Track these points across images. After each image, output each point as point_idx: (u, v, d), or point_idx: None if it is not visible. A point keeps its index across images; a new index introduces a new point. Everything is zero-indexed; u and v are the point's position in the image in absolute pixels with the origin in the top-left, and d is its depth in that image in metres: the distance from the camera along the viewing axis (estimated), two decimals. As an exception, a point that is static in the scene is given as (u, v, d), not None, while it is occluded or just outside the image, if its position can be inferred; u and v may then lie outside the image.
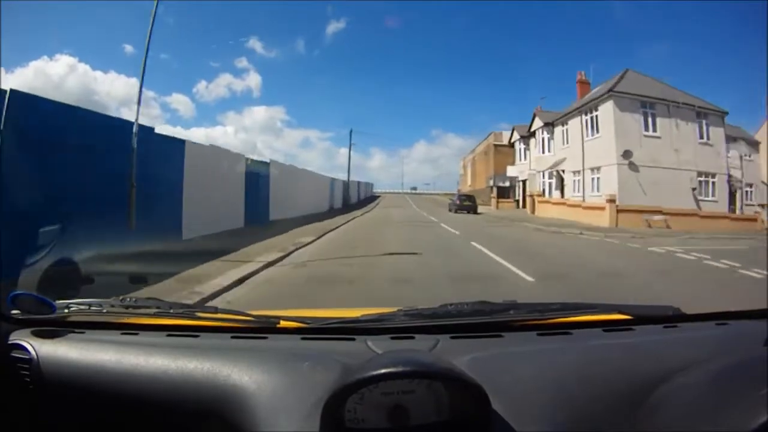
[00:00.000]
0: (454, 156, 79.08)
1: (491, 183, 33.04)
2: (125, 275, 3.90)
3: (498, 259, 7.50)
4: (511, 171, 30.42)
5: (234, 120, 66.51)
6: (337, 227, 13.37)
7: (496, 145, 33.81)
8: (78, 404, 0.90)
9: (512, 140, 30.95)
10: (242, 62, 71.53)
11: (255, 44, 69.03)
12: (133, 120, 7.06)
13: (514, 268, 6.52)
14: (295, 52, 64.46)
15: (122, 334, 1.02)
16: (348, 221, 16.11)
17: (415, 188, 70.04)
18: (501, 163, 31.83)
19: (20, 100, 5.03)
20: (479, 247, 9.03)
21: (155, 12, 7.63)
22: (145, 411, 0.85)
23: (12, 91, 4.96)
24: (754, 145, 22.94)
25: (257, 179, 13.13)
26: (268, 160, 14.94)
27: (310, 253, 8.11)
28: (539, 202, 22.57)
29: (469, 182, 47.41)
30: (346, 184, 33.49)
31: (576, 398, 0.78)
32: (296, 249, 8.35)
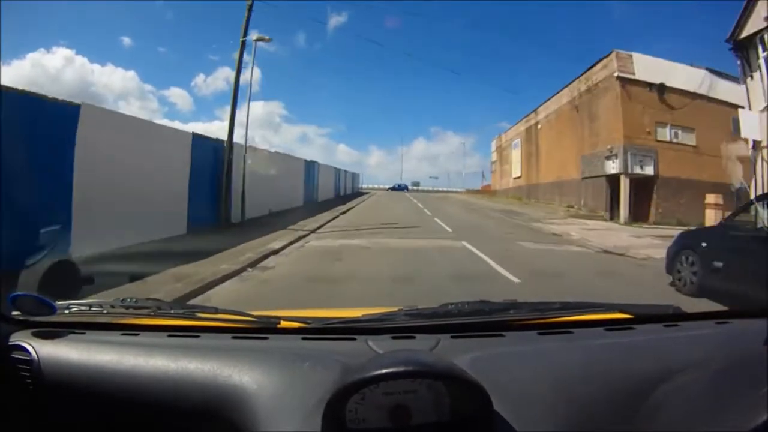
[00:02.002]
0: (453, 154, 77.61)
1: (617, 166, 14.26)
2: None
3: None
4: (750, 126, 10.66)
5: None
6: None
7: (624, 80, 14.51)
8: (79, 405, 0.90)
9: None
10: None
11: (255, 37, 67.80)
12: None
13: None
14: (296, 45, 63.34)
15: (123, 334, 1.02)
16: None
17: (417, 183, 59.47)
18: (636, 120, 14.20)
19: None
20: None
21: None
22: (146, 412, 0.85)
23: None
24: None
25: None
26: None
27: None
28: None
29: (516, 172, 29.36)
30: (219, 152, 10.42)
31: (577, 397, 0.78)
32: None
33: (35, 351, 0.92)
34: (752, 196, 7.78)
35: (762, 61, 10.57)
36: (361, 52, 73.60)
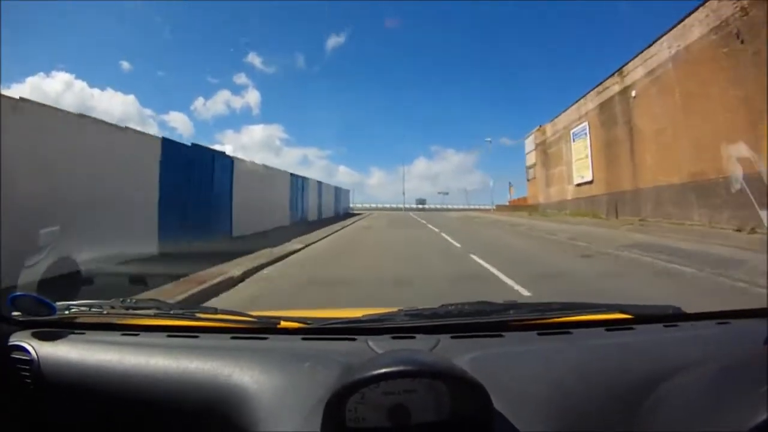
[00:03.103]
0: (454, 172, 76.38)
1: None
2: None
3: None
4: None
5: (232, 139, 64.83)
6: None
7: None
8: (78, 405, 0.90)
9: None
10: (241, 78, 69.50)
11: (254, 59, 67.33)
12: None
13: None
14: (295, 67, 63.12)
15: (122, 335, 1.02)
16: None
17: (423, 201, 50.58)
18: None
19: None
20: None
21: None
22: (145, 412, 0.85)
23: None
24: None
25: None
26: None
27: None
28: None
29: (582, 176, 19.94)
30: None
31: (576, 397, 0.78)
32: None
33: (35, 351, 0.92)
34: None
35: None
36: (361, 71, 73.75)
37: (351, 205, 39.40)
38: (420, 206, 48.80)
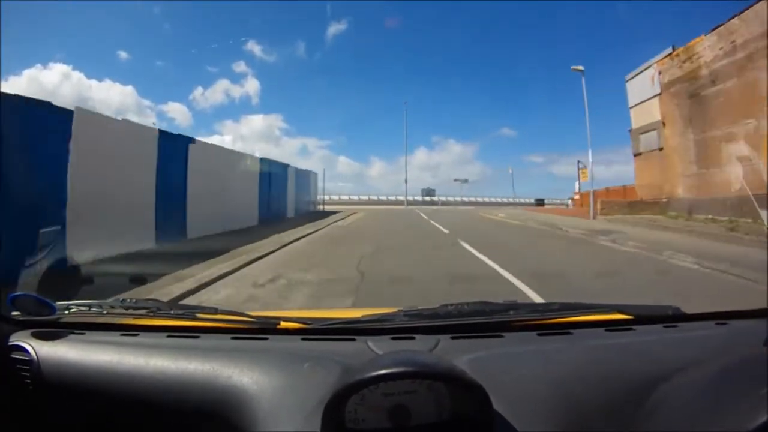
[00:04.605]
0: (455, 163, 74.49)
1: None
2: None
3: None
4: None
5: (231, 129, 63.57)
6: None
7: None
8: (78, 405, 0.90)
9: None
10: (240, 66, 68.01)
11: (254, 47, 66.61)
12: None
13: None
14: (295, 55, 62.59)
15: (122, 335, 1.02)
16: None
17: (431, 192, 39.62)
18: None
19: None
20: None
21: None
22: (145, 412, 0.85)
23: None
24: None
25: None
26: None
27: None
28: None
29: None
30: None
31: (576, 398, 0.78)
32: None
33: (35, 351, 0.92)
34: None
35: None
36: (361, 61, 73.02)
37: (326, 197, 28.60)
38: (428, 199, 37.27)
